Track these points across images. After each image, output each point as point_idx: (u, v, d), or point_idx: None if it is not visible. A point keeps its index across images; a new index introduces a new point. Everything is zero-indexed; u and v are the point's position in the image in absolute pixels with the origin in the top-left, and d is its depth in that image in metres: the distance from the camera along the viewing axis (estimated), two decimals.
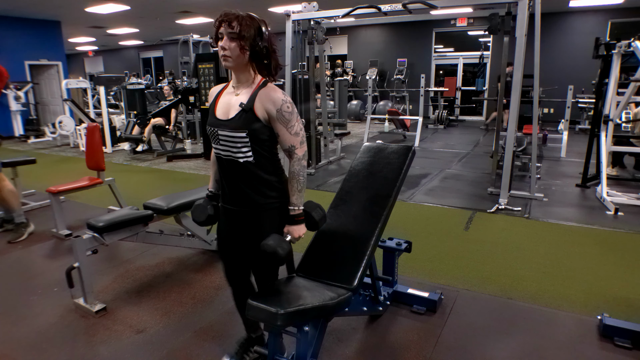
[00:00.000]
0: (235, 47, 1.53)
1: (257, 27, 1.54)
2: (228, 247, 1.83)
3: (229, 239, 1.81)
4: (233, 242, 1.79)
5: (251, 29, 1.52)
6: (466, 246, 3.44)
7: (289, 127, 1.60)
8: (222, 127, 1.61)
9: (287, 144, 1.62)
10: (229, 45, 1.53)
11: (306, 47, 5.99)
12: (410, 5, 4.63)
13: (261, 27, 1.56)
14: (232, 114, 1.61)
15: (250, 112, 1.57)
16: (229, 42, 1.53)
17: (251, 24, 1.53)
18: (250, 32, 1.52)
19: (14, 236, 3.67)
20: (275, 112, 1.57)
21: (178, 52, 9.53)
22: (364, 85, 12.34)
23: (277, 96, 1.58)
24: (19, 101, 9.81)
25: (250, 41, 1.53)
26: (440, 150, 7.67)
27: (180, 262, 3.22)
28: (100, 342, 2.25)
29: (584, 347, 2.16)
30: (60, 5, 9.07)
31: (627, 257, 3.21)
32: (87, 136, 3.97)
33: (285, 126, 1.59)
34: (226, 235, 1.81)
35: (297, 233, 1.68)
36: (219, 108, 1.66)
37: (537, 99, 4.53)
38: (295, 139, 1.62)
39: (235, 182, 1.67)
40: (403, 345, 2.19)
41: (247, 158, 1.61)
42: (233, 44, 1.53)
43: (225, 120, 1.62)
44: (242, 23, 1.51)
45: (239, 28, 1.51)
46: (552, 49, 10.53)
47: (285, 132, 1.60)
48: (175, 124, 8.06)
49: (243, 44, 1.52)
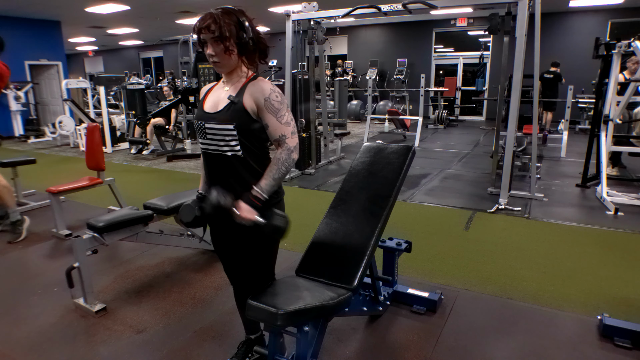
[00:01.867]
0: (221, 49, 1.50)
1: (236, 22, 1.50)
2: (222, 248, 1.82)
3: (221, 240, 1.80)
4: (226, 242, 1.78)
5: (231, 26, 1.48)
6: (466, 246, 3.44)
7: (279, 116, 1.56)
8: (210, 120, 1.59)
9: (277, 133, 1.57)
10: (215, 50, 1.50)
11: (306, 47, 5.99)
12: (410, 5, 4.64)
13: (240, 19, 1.51)
14: (220, 106, 1.59)
15: (239, 104, 1.55)
16: (214, 47, 1.50)
17: (230, 21, 1.48)
18: (231, 29, 1.48)
19: (13, 236, 3.67)
20: (264, 100, 1.54)
21: (178, 52, 9.52)
22: (364, 85, 12.34)
23: (266, 86, 1.56)
24: (19, 101, 9.82)
25: (234, 38, 1.50)
26: (440, 150, 7.67)
27: (180, 262, 3.22)
28: (100, 342, 2.25)
29: (584, 347, 2.16)
30: (60, 5, 9.07)
31: (627, 257, 3.20)
32: (87, 136, 3.97)
33: (275, 115, 1.56)
34: (218, 235, 1.80)
35: (241, 212, 1.52)
36: (207, 102, 1.65)
37: (537, 99, 4.53)
38: (286, 128, 1.57)
39: (223, 178, 1.63)
40: (403, 345, 2.19)
41: (235, 152, 1.57)
42: (218, 47, 1.49)
43: (213, 113, 1.60)
44: (220, 23, 1.47)
45: (219, 30, 1.47)
46: (552, 49, 10.53)
47: (275, 121, 1.56)
48: (175, 124, 8.06)
49: (228, 44, 1.49)
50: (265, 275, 1.78)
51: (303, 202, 4.78)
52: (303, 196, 5.00)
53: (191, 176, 6.09)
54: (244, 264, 1.76)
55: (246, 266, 1.76)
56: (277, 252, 1.78)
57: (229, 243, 1.76)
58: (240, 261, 1.77)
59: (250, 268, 1.75)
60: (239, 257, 1.76)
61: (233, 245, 1.74)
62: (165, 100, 9.56)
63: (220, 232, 1.78)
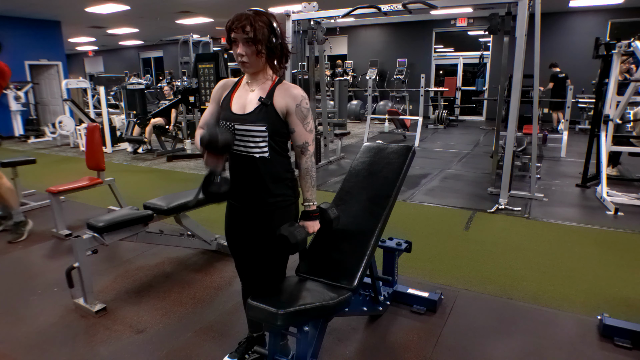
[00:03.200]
0: (253, 51, 1.50)
1: (268, 25, 1.51)
2: (237, 245, 1.82)
3: (238, 237, 1.80)
4: (243, 240, 1.78)
5: (265, 30, 1.49)
6: (466, 246, 3.44)
7: (305, 123, 1.61)
8: (240, 121, 1.59)
9: (302, 140, 1.62)
10: (246, 51, 1.50)
11: (306, 47, 5.99)
12: (410, 5, 4.63)
13: (272, 24, 1.52)
14: (250, 108, 1.59)
15: (270, 107, 1.57)
16: (245, 48, 1.50)
17: (264, 24, 1.49)
18: (264, 33, 1.49)
19: (14, 236, 3.67)
20: (295, 107, 1.57)
21: (178, 52, 9.52)
22: (364, 85, 12.34)
23: (297, 92, 1.59)
24: (19, 101, 9.82)
25: (266, 42, 1.50)
26: (440, 150, 7.67)
27: (180, 262, 3.22)
28: (100, 342, 2.25)
29: (584, 347, 2.16)
30: (60, 5, 9.07)
31: (627, 257, 3.20)
32: (87, 136, 3.97)
33: (302, 122, 1.60)
34: (235, 233, 1.80)
35: (311, 229, 1.69)
36: (234, 103, 1.64)
37: (537, 99, 4.53)
38: (309, 136, 1.64)
39: (249, 178, 1.64)
40: (403, 345, 2.19)
41: (263, 154, 1.60)
42: (249, 49, 1.50)
43: (243, 114, 1.60)
44: (255, 26, 1.47)
45: (254, 32, 1.47)
46: (552, 49, 10.53)
47: (302, 127, 1.61)
48: (175, 124, 8.06)
49: (260, 47, 1.50)
50: (278, 275, 1.79)
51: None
52: None
53: (191, 176, 6.09)
54: (260, 263, 1.77)
55: (262, 266, 1.77)
56: None
57: (247, 243, 1.77)
58: (256, 261, 1.77)
59: (266, 268, 1.76)
60: (256, 257, 1.76)
61: (251, 246, 1.75)
62: (165, 100, 9.56)
63: (238, 231, 1.79)
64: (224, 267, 3.11)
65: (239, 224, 1.76)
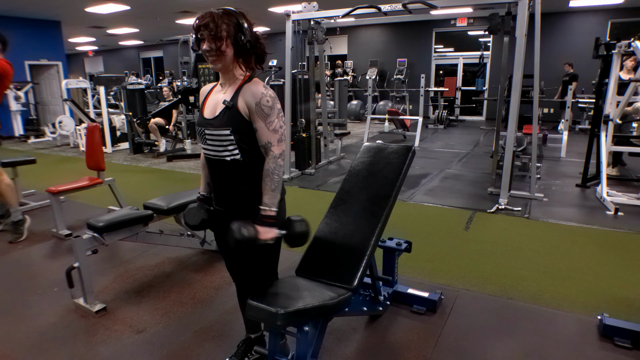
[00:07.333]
0: (218, 48, 1.50)
1: (235, 23, 1.51)
2: (225, 248, 1.82)
3: (224, 240, 1.79)
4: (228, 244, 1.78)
5: (230, 27, 1.49)
6: (466, 246, 3.44)
7: (268, 122, 1.56)
8: (208, 126, 1.60)
9: (264, 139, 1.57)
10: (211, 47, 1.50)
11: (306, 47, 5.99)
12: (410, 5, 4.64)
13: (240, 21, 1.52)
14: (217, 112, 1.60)
15: (233, 109, 1.56)
16: (210, 44, 1.50)
17: (229, 21, 1.50)
18: (230, 29, 1.49)
19: (15, 236, 3.67)
20: (254, 105, 1.54)
21: (178, 52, 9.51)
22: (364, 85, 12.34)
23: (258, 89, 1.55)
24: (19, 101, 9.80)
25: (232, 39, 1.50)
26: (440, 150, 7.67)
27: (180, 262, 3.22)
28: (100, 342, 2.25)
29: (584, 347, 2.16)
30: (60, 5, 9.07)
31: (627, 257, 3.21)
32: (87, 136, 3.97)
33: (264, 121, 1.55)
34: (221, 236, 1.79)
35: (264, 235, 1.57)
36: (207, 107, 1.65)
37: (537, 99, 4.53)
38: (272, 136, 1.57)
39: (225, 182, 1.65)
40: (403, 345, 2.19)
41: (234, 156, 1.59)
42: (215, 45, 1.50)
43: (211, 119, 1.61)
44: (219, 23, 1.48)
45: (216, 29, 1.48)
46: (552, 49, 10.53)
47: (263, 126, 1.56)
48: (175, 124, 8.06)
49: (225, 43, 1.50)
50: (269, 275, 1.78)
51: (303, 202, 4.78)
52: (303, 196, 5.00)
53: (191, 176, 6.09)
54: (248, 263, 1.76)
55: (250, 266, 1.76)
56: (279, 252, 1.79)
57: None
58: (244, 261, 1.77)
59: (254, 268, 1.76)
60: (243, 257, 1.75)
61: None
62: (164, 100, 9.56)
63: (224, 234, 1.78)
64: (224, 267, 3.10)
65: (224, 227, 1.72)
